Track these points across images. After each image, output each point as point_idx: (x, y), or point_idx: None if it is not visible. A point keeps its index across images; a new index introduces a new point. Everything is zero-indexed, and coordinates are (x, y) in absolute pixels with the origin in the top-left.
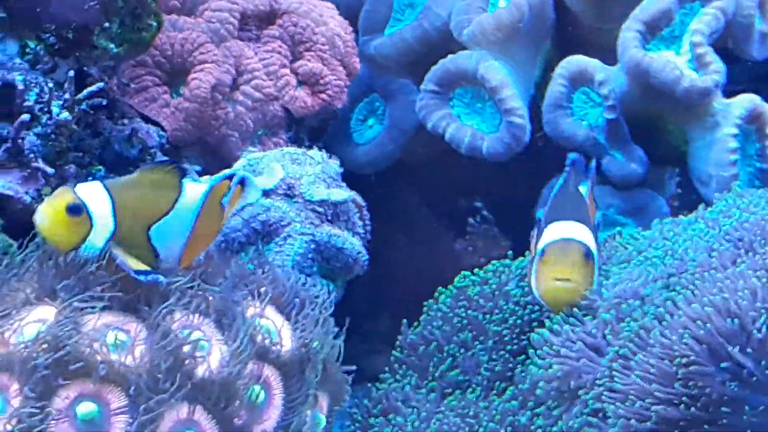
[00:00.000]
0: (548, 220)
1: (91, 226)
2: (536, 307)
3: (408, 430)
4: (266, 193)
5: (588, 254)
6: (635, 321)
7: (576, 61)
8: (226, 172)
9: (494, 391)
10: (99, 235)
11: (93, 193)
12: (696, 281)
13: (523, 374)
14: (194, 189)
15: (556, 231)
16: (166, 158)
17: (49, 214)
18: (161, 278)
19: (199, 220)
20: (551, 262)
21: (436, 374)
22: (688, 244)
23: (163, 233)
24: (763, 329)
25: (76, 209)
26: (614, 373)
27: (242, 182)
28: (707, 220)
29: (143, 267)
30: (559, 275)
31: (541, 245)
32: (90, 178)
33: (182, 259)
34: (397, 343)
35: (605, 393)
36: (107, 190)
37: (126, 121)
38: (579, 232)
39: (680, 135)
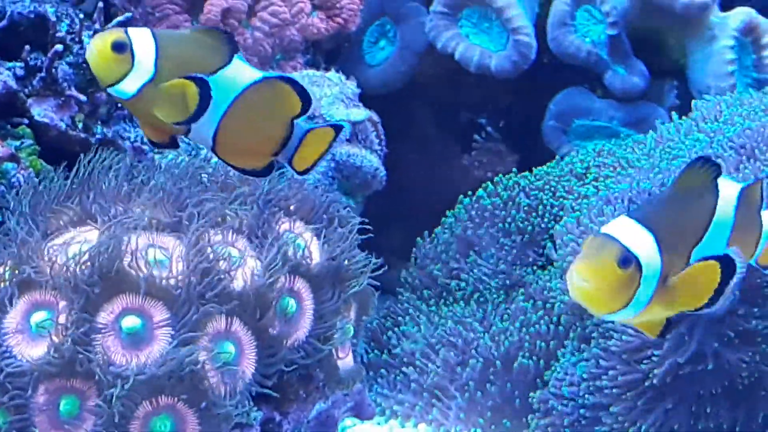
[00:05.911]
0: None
1: (132, 65)
2: (548, 216)
3: (422, 336)
4: None
5: (626, 261)
6: None
7: None
8: (285, 74)
9: (509, 297)
10: (138, 77)
11: (141, 37)
12: None
13: (536, 278)
14: (245, 69)
15: (610, 226)
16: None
17: (96, 46)
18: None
19: (241, 105)
20: (579, 256)
21: (451, 284)
22: (693, 150)
23: None
24: None
25: (121, 46)
26: None
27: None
28: (707, 130)
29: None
30: (580, 273)
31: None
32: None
33: (218, 144)
34: (413, 255)
35: None
36: (155, 37)
37: None
38: (633, 235)
39: (679, 48)
